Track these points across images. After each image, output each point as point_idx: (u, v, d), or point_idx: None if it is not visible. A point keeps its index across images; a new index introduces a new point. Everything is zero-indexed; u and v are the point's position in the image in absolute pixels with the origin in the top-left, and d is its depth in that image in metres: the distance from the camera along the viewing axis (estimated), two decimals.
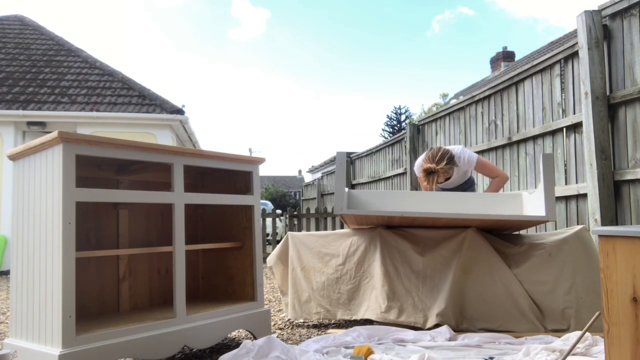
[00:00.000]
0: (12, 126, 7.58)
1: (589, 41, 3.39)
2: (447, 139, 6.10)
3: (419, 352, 2.11)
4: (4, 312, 3.73)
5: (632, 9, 3.20)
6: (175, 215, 2.18)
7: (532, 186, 4.30)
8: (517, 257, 2.77)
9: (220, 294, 2.83)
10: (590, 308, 2.54)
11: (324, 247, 3.05)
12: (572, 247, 2.69)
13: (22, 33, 9.87)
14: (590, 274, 2.61)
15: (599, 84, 3.37)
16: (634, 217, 3.17)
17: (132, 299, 2.60)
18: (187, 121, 8.30)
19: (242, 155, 2.56)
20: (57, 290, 1.79)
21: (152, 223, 2.75)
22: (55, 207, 1.83)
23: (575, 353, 2.00)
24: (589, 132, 3.38)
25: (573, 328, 2.47)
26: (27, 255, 2.00)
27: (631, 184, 3.20)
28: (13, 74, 8.50)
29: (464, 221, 2.74)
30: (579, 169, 3.76)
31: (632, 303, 1.35)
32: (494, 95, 5.07)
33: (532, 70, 4.37)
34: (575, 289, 2.60)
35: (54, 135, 1.81)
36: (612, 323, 1.40)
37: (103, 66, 9.18)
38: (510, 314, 2.58)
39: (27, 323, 1.97)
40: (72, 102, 8.04)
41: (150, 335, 2.01)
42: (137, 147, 2.05)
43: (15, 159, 2.13)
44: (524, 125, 4.50)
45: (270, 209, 11.14)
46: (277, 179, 45.12)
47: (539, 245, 2.75)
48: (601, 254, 1.43)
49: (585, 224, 3.58)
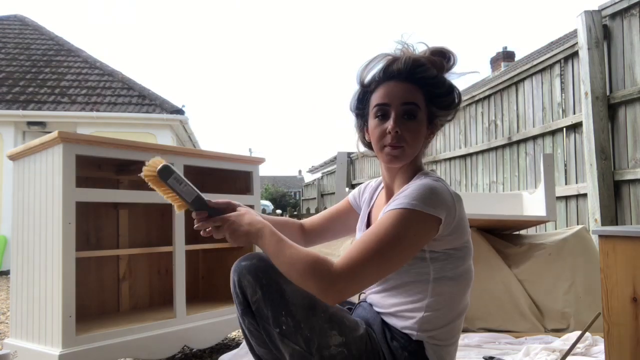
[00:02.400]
0: (12, 126, 7.58)
1: (589, 41, 3.39)
2: (447, 138, 6.11)
3: None
4: (4, 312, 3.73)
5: (632, 9, 3.20)
6: (175, 215, 2.18)
7: (532, 186, 4.30)
8: (517, 257, 2.76)
9: (220, 294, 2.83)
10: (590, 308, 2.54)
11: (324, 247, 3.05)
12: (572, 247, 2.69)
13: (22, 33, 9.86)
14: (590, 274, 2.61)
15: (599, 84, 3.37)
16: (634, 217, 3.17)
17: (132, 299, 2.60)
18: (187, 121, 8.30)
19: (242, 155, 2.56)
20: (57, 290, 1.79)
21: (152, 223, 2.75)
22: (55, 207, 1.83)
23: (575, 353, 2.00)
24: (589, 132, 3.38)
25: (573, 328, 2.47)
26: (27, 255, 2.00)
27: (631, 184, 3.20)
28: (13, 74, 8.50)
29: None
30: (579, 169, 3.76)
31: (632, 303, 1.35)
32: (494, 95, 5.07)
33: (532, 70, 4.37)
34: (575, 289, 2.60)
35: (54, 135, 1.81)
36: (612, 323, 1.40)
37: (103, 66, 9.17)
38: (510, 314, 2.58)
39: (27, 323, 1.97)
40: (72, 102, 8.04)
41: (150, 335, 2.01)
42: (137, 147, 2.05)
43: (15, 159, 2.13)
44: (524, 125, 4.50)
45: (271, 209, 11.15)
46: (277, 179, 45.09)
47: (539, 245, 2.75)
48: (601, 254, 1.43)
49: (585, 224, 3.58)
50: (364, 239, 0.95)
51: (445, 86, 1.08)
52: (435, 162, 6.35)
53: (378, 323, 1.05)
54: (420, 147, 1.09)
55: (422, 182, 0.99)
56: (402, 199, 0.97)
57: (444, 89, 1.07)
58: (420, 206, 0.95)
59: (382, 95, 1.06)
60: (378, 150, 1.07)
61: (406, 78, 1.05)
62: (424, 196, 0.96)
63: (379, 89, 1.07)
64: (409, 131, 1.04)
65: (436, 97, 1.07)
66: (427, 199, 0.96)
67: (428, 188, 0.97)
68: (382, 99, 1.06)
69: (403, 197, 0.97)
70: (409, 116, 1.04)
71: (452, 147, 5.97)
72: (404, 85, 1.05)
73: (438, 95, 1.07)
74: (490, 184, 5.08)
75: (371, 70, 1.10)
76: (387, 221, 0.95)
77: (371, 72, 1.10)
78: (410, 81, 1.05)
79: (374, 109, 1.07)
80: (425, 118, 1.07)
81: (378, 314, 1.07)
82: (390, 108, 1.05)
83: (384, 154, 1.06)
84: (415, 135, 1.05)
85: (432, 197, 0.97)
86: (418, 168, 1.11)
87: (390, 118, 1.04)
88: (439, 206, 0.96)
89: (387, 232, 0.94)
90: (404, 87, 1.05)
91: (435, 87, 1.07)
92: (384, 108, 1.05)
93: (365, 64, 1.09)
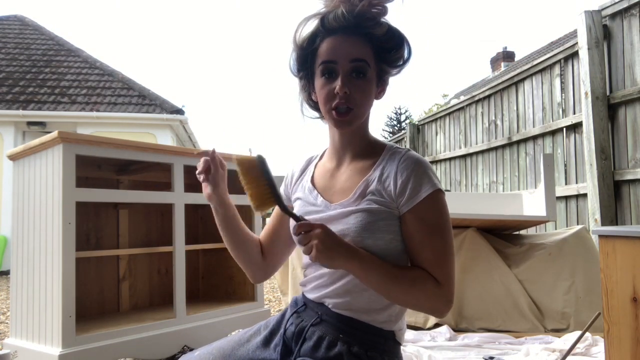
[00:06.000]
0: (12, 126, 7.58)
1: (589, 41, 3.39)
2: (447, 139, 6.11)
3: (419, 352, 2.11)
4: (4, 312, 3.73)
5: (632, 9, 3.20)
6: (175, 215, 2.18)
7: (532, 186, 4.30)
8: (517, 257, 2.77)
9: (220, 294, 2.83)
10: (589, 308, 2.54)
11: None
12: (572, 247, 2.69)
13: (22, 33, 9.87)
14: (590, 274, 2.61)
15: (599, 84, 3.37)
16: (634, 217, 3.17)
17: (132, 299, 2.60)
18: (187, 121, 8.30)
19: (242, 155, 2.55)
20: (57, 290, 1.79)
21: (152, 223, 2.75)
22: (55, 207, 1.83)
23: (575, 353, 2.00)
24: (589, 132, 3.38)
25: (572, 328, 2.47)
26: (27, 255, 2.00)
27: (631, 184, 3.20)
28: (13, 74, 8.50)
29: (464, 221, 2.74)
30: (579, 169, 3.76)
31: (632, 303, 1.35)
32: (494, 95, 5.07)
33: (532, 70, 4.37)
34: (575, 289, 2.60)
35: (54, 135, 1.81)
36: (612, 323, 1.40)
37: (103, 66, 9.17)
38: (510, 313, 2.58)
39: (27, 323, 1.97)
40: (72, 102, 8.04)
41: (150, 335, 2.01)
42: (137, 147, 2.05)
43: (15, 159, 2.13)
44: (524, 125, 4.51)
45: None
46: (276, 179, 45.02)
47: (539, 245, 2.75)
48: (601, 254, 1.43)
49: (585, 224, 3.58)
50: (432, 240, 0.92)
51: (395, 39, 0.96)
52: (435, 162, 6.35)
53: (352, 333, 0.93)
54: (370, 107, 1.00)
55: (416, 158, 0.95)
56: (422, 180, 0.92)
57: (393, 42, 0.96)
58: (439, 184, 0.94)
59: (327, 51, 0.94)
60: (326, 113, 0.96)
61: (353, 31, 0.93)
62: (434, 173, 0.95)
63: (323, 44, 0.95)
64: (359, 91, 0.93)
65: (386, 52, 0.96)
66: (436, 177, 0.95)
67: (427, 164, 0.95)
68: (327, 56, 0.94)
69: (419, 178, 0.92)
70: (358, 74, 0.93)
71: (452, 147, 5.97)
72: (351, 39, 0.93)
73: (388, 49, 0.96)
74: (490, 184, 5.08)
75: (310, 27, 0.97)
76: (433, 211, 0.92)
77: (310, 28, 0.97)
78: (358, 34, 0.94)
79: (320, 67, 0.95)
80: (375, 75, 0.97)
81: (350, 320, 0.94)
82: (337, 65, 0.93)
83: (333, 117, 0.95)
84: (365, 95, 0.95)
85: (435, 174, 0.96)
86: (371, 136, 1.04)
87: (338, 77, 0.93)
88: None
89: (444, 225, 0.94)
90: (351, 41, 0.93)
91: (384, 41, 0.95)
92: (330, 66, 0.94)
93: (303, 20, 0.97)
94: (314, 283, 1.00)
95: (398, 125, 29.47)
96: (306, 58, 0.99)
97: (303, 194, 1.06)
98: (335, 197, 0.99)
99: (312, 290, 1.00)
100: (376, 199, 0.93)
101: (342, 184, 1.00)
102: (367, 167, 0.98)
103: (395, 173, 0.93)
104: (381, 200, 0.93)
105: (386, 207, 0.93)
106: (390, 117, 29.97)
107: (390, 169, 0.95)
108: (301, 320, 1.00)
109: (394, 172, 0.94)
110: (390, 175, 0.94)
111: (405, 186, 0.92)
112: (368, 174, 0.96)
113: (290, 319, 1.02)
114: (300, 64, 1.01)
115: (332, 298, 0.96)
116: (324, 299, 0.97)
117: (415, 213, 0.92)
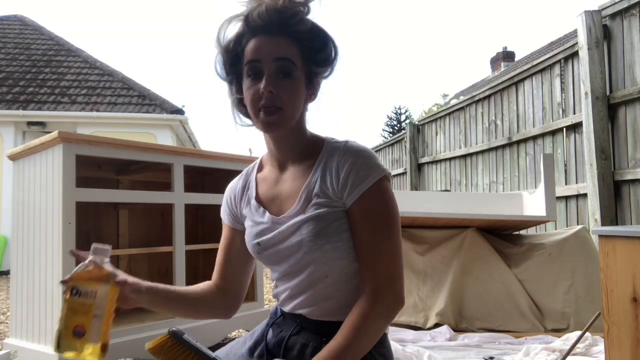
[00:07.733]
0: (12, 126, 7.58)
1: (589, 41, 3.39)
2: (447, 139, 6.11)
3: (419, 352, 2.11)
4: (4, 312, 3.73)
5: (632, 9, 3.20)
6: (175, 215, 2.18)
7: (532, 186, 4.31)
8: (517, 257, 2.77)
9: None
10: (589, 308, 2.54)
11: None
12: (572, 247, 2.69)
13: (22, 33, 9.87)
14: (590, 274, 2.61)
15: (599, 84, 3.37)
16: (634, 217, 3.17)
17: None
18: (187, 121, 8.30)
19: (242, 155, 2.56)
20: (57, 290, 1.79)
21: (152, 223, 2.75)
22: (55, 207, 1.83)
23: (575, 353, 2.00)
24: (589, 132, 3.38)
25: (572, 328, 2.47)
26: (27, 255, 2.00)
27: (631, 184, 3.20)
28: (13, 74, 8.50)
29: (464, 221, 2.74)
30: (579, 169, 3.76)
31: (632, 303, 1.35)
32: (494, 95, 5.07)
33: (532, 70, 4.37)
34: (575, 289, 2.60)
35: (54, 135, 1.81)
36: (612, 323, 1.40)
37: (103, 66, 9.17)
38: (510, 313, 2.58)
39: (27, 323, 1.97)
40: (72, 102, 8.04)
41: (150, 335, 2.01)
42: (137, 147, 2.05)
43: (15, 159, 2.13)
44: (524, 125, 4.51)
45: None
46: None
47: (539, 245, 2.76)
48: (601, 254, 1.43)
49: (585, 224, 3.58)
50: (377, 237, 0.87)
51: (320, 38, 0.93)
52: (436, 162, 6.35)
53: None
54: (300, 110, 0.95)
55: (356, 148, 0.92)
56: (365, 169, 0.89)
57: (319, 41, 0.93)
58: (385, 170, 0.91)
59: (251, 50, 0.91)
60: (254, 116, 0.91)
61: (278, 31, 0.90)
62: (377, 160, 0.91)
63: (249, 45, 0.92)
64: (286, 91, 0.89)
65: (313, 52, 0.93)
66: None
67: (369, 152, 0.92)
68: (252, 55, 0.90)
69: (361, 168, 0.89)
70: (284, 74, 0.90)
71: (452, 147, 5.97)
72: (276, 38, 0.90)
73: (315, 49, 0.93)
74: (490, 184, 5.08)
75: (235, 28, 0.94)
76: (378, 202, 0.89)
77: (235, 29, 0.94)
78: (283, 34, 0.91)
79: (245, 67, 0.92)
80: (304, 76, 0.93)
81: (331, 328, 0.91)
82: (262, 65, 0.89)
83: (260, 120, 0.90)
84: (293, 96, 0.91)
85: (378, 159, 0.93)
86: (309, 136, 0.99)
87: (264, 77, 0.89)
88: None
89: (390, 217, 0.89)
90: (275, 40, 0.90)
91: (309, 40, 0.92)
92: (255, 65, 0.90)
93: (226, 21, 0.94)
94: (284, 295, 0.98)
95: (398, 125, 29.45)
96: (233, 60, 0.95)
97: (250, 212, 1.03)
98: (283, 207, 0.96)
99: (284, 302, 0.99)
100: (323, 202, 0.90)
101: (287, 192, 0.97)
102: (307, 169, 0.95)
103: (336, 169, 0.91)
104: (328, 202, 0.90)
105: (334, 207, 0.90)
106: (390, 117, 29.96)
107: (331, 165, 0.92)
108: (280, 330, 0.99)
109: (335, 168, 0.91)
110: (332, 172, 0.91)
111: (347, 179, 0.89)
112: (309, 176, 0.93)
113: (270, 330, 1.02)
114: (228, 67, 0.97)
115: (304, 308, 0.95)
116: (298, 309, 0.96)
117: (360, 205, 0.89)
